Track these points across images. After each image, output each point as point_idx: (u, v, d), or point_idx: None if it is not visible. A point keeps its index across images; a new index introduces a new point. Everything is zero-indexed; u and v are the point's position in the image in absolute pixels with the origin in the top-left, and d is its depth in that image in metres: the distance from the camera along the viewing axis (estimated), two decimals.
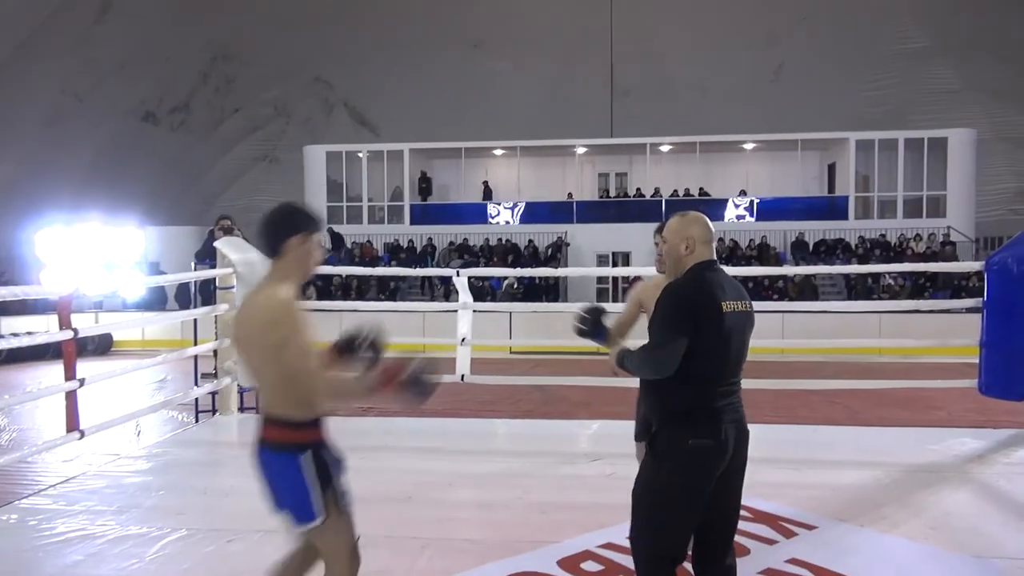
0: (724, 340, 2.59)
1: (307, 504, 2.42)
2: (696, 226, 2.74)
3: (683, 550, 2.63)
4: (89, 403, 5.42)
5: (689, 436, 2.57)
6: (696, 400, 2.59)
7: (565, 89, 23.55)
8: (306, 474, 2.40)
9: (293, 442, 2.42)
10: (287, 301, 2.39)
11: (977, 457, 5.46)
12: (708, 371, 2.58)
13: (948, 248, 17.60)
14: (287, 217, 2.48)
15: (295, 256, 2.45)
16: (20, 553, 3.80)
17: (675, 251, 2.74)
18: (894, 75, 23.40)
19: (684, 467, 2.57)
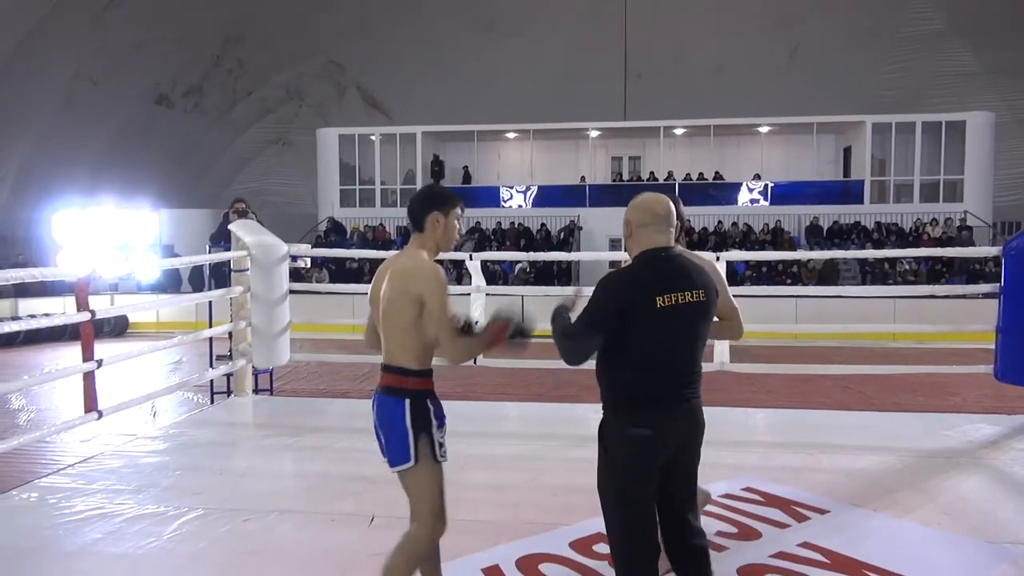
0: (659, 333, 2.51)
1: (402, 446, 2.65)
2: (635, 209, 2.65)
3: (650, 536, 2.59)
4: (106, 384, 5.48)
5: (628, 425, 2.55)
6: (635, 389, 2.55)
7: (578, 72, 23.38)
8: (407, 418, 2.63)
9: (402, 388, 2.67)
10: (436, 267, 2.69)
11: (991, 443, 5.44)
12: (644, 362, 2.53)
13: (965, 233, 17.44)
14: (427, 196, 2.82)
15: (434, 230, 2.76)
16: (40, 531, 3.86)
17: (624, 235, 2.71)
18: (911, 57, 23.09)
19: (624, 456, 2.56)
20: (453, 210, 2.79)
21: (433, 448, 2.67)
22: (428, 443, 2.66)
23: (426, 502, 2.70)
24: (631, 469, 2.56)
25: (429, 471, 2.68)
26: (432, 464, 2.68)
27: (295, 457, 5.22)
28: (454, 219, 2.79)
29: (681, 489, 2.65)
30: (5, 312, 13.24)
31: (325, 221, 20.76)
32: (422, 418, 2.65)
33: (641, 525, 2.57)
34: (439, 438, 2.70)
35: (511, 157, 23.00)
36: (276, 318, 6.42)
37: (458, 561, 3.46)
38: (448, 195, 2.84)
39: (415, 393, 2.67)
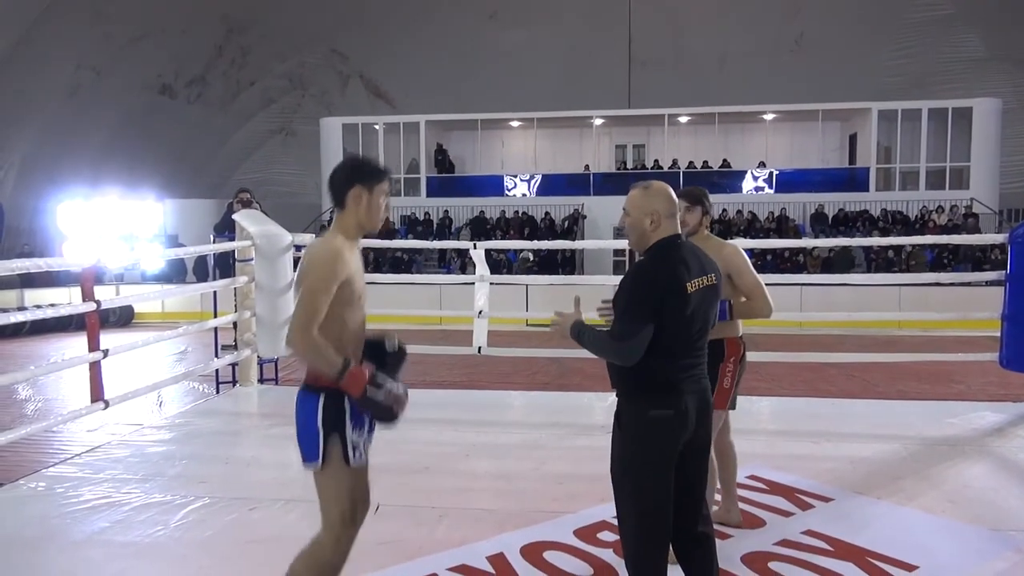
0: (688, 318, 2.54)
1: (310, 445, 2.49)
2: (660, 199, 2.62)
3: (667, 523, 2.58)
4: (112, 374, 5.51)
5: (650, 407, 2.54)
6: (657, 373, 2.55)
7: (582, 59, 23.27)
8: (318, 416, 2.46)
9: (315, 384, 2.48)
10: (331, 254, 2.44)
11: (996, 430, 5.44)
12: (670, 347, 2.53)
13: (971, 220, 17.36)
14: (348, 168, 2.56)
15: (356, 207, 2.51)
16: (48, 520, 3.89)
17: (639, 226, 2.62)
18: (917, 43, 22.91)
19: (647, 439, 2.55)
20: (379, 185, 2.53)
21: (345, 449, 2.47)
22: (339, 444, 2.46)
23: (333, 505, 2.51)
24: (653, 453, 2.54)
25: (337, 474, 2.49)
26: (341, 466, 2.48)
27: None
28: (380, 195, 2.53)
29: (697, 474, 2.65)
30: (11, 302, 13.29)
31: (329, 211, 20.76)
32: (335, 417, 2.46)
33: (657, 509, 2.55)
34: (354, 439, 2.49)
35: (515, 146, 22.93)
36: (281, 308, 6.43)
37: (463, 549, 3.48)
38: (374, 168, 2.56)
39: (329, 390, 2.44)
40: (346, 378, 2.39)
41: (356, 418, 2.51)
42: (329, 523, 2.53)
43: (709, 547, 2.69)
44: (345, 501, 2.52)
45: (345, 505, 2.52)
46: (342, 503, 2.52)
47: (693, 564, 2.67)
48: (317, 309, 2.39)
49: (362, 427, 2.54)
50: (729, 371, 3.45)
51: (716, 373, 3.36)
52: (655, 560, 2.57)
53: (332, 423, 2.47)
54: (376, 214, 2.54)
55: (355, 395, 2.42)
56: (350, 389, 2.41)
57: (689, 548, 2.67)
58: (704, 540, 2.67)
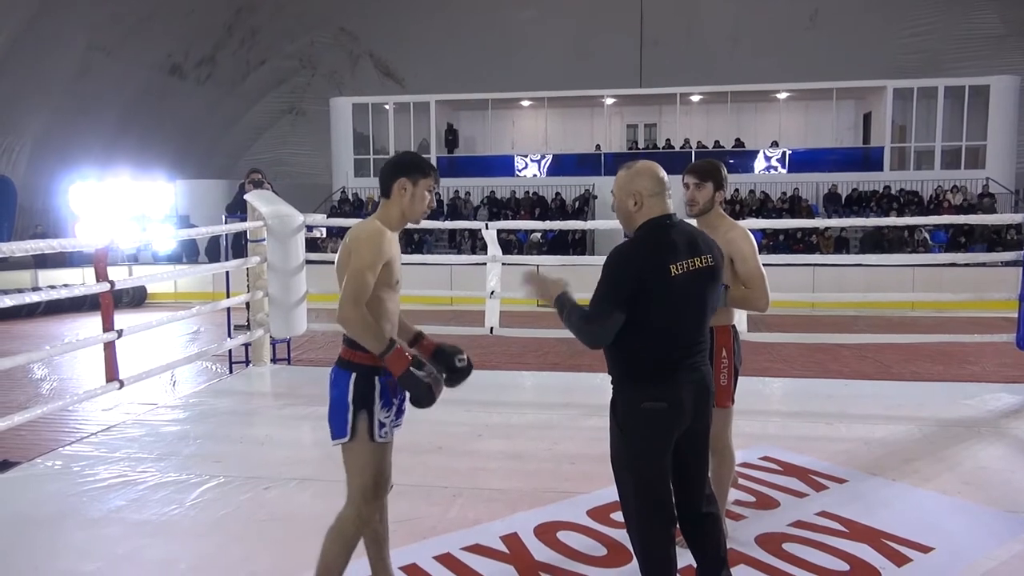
0: (675, 302, 2.46)
1: (340, 421, 2.59)
2: (643, 178, 2.55)
3: (667, 510, 2.56)
4: (126, 354, 5.53)
5: (643, 399, 2.49)
6: (649, 362, 2.49)
7: (593, 38, 23.03)
8: (349, 392, 2.57)
9: (349, 360, 2.60)
10: (375, 232, 2.57)
11: (1012, 412, 5.40)
12: (659, 334, 2.47)
13: (987, 200, 17.16)
14: (399, 162, 2.69)
15: (400, 198, 2.65)
16: (65, 498, 3.93)
17: (624, 207, 2.57)
18: (934, 20, 22.53)
19: (640, 431, 2.50)
20: (424, 180, 2.65)
21: (372, 426, 2.58)
22: (367, 420, 2.57)
23: (356, 480, 2.61)
24: (647, 444, 2.51)
25: (363, 449, 2.59)
26: (367, 443, 2.58)
27: (313, 426, 5.26)
28: (424, 190, 2.65)
29: (694, 458, 2.62)
30: (26, 283, 13.37)
31: (339, 191, 20.76)
32: (365, 394, 2.57)
33: (657, 497, 2.54)
34: (382, 416, 2.60)
35: (525, 125, 22.81)
36: (293, 288, 6.43)
37: (477, 529, 3.49)
38: (422, 164, 2.69)
39: (362, 368, 2.57)
40: (392, 355, 2.52)
41: (385, 396, 2.61)
42: (351, 497, 2.63)
43: (716, 527, 2.67)
44: (368, 476, 2.62)
45: (367, 480, 2.62)
46: (364, 477, 2.61)
47: (701, 544, 2.66)
48: (366, 284, 2.52)
49: (390, 407, 2.64)
50: (724, 366, 3.18)
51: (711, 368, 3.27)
52: (660, 547, 2.55)
53: (362, 400, 2.57)
54: (419, 206, 2.67)
55: (397, 373, 2.53)
56: (393, 367, 2.53)
57: (696, 529, 2.66)
58: (710, 520, 2.65)
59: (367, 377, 2.58)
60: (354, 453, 2.60)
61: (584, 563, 3.18)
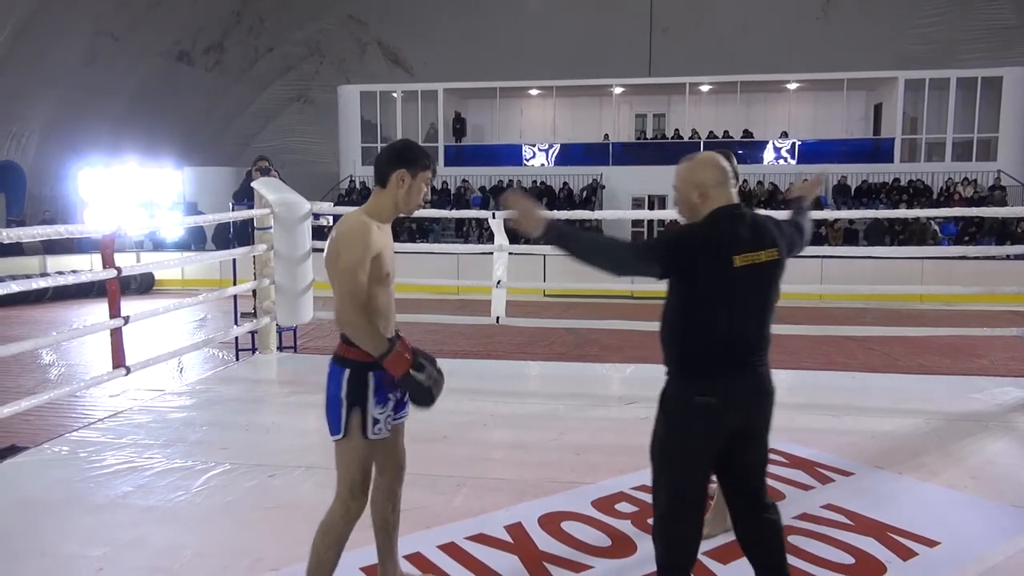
0: (737, 295, 2.36)
1: (334, 417, 2.57)
2: (706, 169, 2.46)
3: (698, 512, 2.49)
4: (133, 340, 5.55)
5: (694, 392, 2.40)
6: (704, 354, 2.40)
7: (602, 27, 22.90)
8: (343, 389, 2.54)
9: (343, 356, 2.56)
10: (359, 227, 2.50)
11: (1020, 406, 5.36)
12: (717, 324, 2.37)
13: (998, 192, 17.04)
14: (399, 151, 2.62)
15: (396, 188, 2.58)
16: (72, 483, 3.94)
17: (687, 200, 2.47)
18: (946, 10, 22.31)
19: (687, 425, 2.42)
20: (423, 172, 2.58)
21: (365, 423, 2.54)
22: (360, 417, 2.53)
23: (345, 476, 2.58)
24: (691, 440, 2.42)
25: (354, 446, 2.55)
26: (359, 440, 2.54)
27: (319, 414, 5.18)
28: (422, 182, 2.59)
29: (751, 462, 2.52)
30: (34, 269, 13.43)
31: (347, 180, 20.75)
32: (358, 391, 2.53)
33: (690, 497, 2.46)
34: (376, 413, 2.55)
35: (534, 114, 22.74)
36: (300, 276, 6.44)
37: (481, 518, 3.49)
38: (423, 155, 2.61)
39: (356, 364, 2.53)
40: (391, 357, 2.48)
41: (380, 393, 2.56)
42: (339, 493, 2.60)
43: (776, 534, 2.54)
44: (356, 473, 2.58)
45: (356, 476, 2.58)
46: (353, 474, 2.57)
47: (757, 553, 2.55)
48: (359, 283, 2.47)
49: (385, 403, 2.59)
50: None
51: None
52: (681, 544, 2.49)
53: (355, 396, 2.53)
54: (415, 198, 2.60)
55: (397, 375, 2.50)
56: (393, 369, 2.49)
57: (756, 538, 2.55)
58: (770, 527, 2.53)
59: (361, 374, 2.53)
60: (346, 449, 2.57)
61: (588, 554, 3.17)
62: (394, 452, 2.79)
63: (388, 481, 2.80)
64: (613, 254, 2.45)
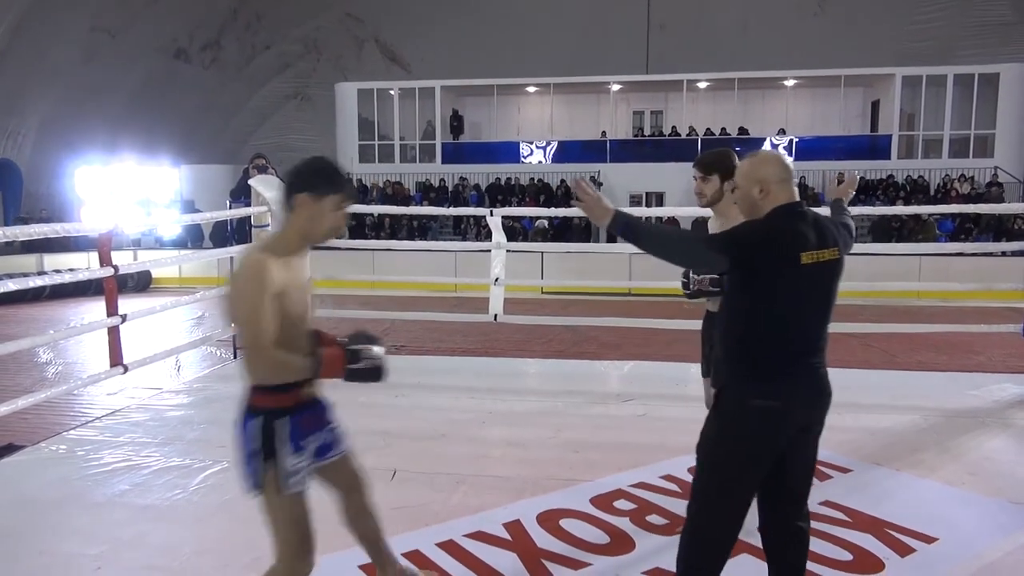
0: (802, 293, 2.31)
1: (248, 471, 2.29)
2: (769, 166, 2.41)
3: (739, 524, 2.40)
4: (131, 338, 5.54)
5: (754, 396, 2.31)
6: (767, 355, 2.32)
7: (599, 23, 22.88)
8: (252, 441, 2.26)
9: (252, 405, 2.28)
10: (250, 269, 2.17)
11: (1018, 402, 5.38)
12: (782, 325, 2.31)
13: (995, 189, 17.05)
14: (302, 171, 2.27)
15: (298, 215, 2.24)
16: (70, 482, 3.94)
17: (749, 196, 2.41)
18: (943, 7, 22.32)
19: (744, 429, 2.32)
20: (330, 197, 2.23)
21: (279, 476, 2.25)
22: (273, 470, 2.25)
23: (279, 536, 2.32)
24: (749, 443, 2.33)
25: (276, 503, 2.28)
26: (278, 496, 2.27)
27: None
28: (330, 208, 2.23)
29: (801, 466, 2.46)
30: (31, 267, 13.40)
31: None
32: (269, 442, 2.24)
33: (738, 507, 2.38)
34: (291, 464, 2.26)
35: (531, 112, 22.72)
36: None
37: (479, 516, 3.49)
38: (332, 175, 2.26)
39: (266, 412, 2.25)
40: (323, 369, 2.24)
41: (295, 441, 2.29)
42: (278, 554, 2.35)
43: (803, 543, 2.53)
44: (291, 532, 2.32)
45: (291, 536, 2.32)
46: (287, 534, 2.32)
47: (781, 559, 2.52)
48: (260, 330, 2.15)
49: (301, 451, 2.31)
50: None
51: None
52: (718, 546, 2.41)
53: (266, 448, 2.25)
54: (320, 227, 2.25)
55: (340, 377, 2.26)
56: (331, 375, 2.25)
57: (782, 542, 2.52)
58: (800, 535, 2.52)
59: (270, 423, 2.25)
60: (270, 506, 2.30)
61: (587, 551, 3.17)
62: (346, 479, 2.60)
63: (353, 501, 2.64)
64: (682, 246, 2.41)
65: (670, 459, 4.12)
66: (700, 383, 3.66)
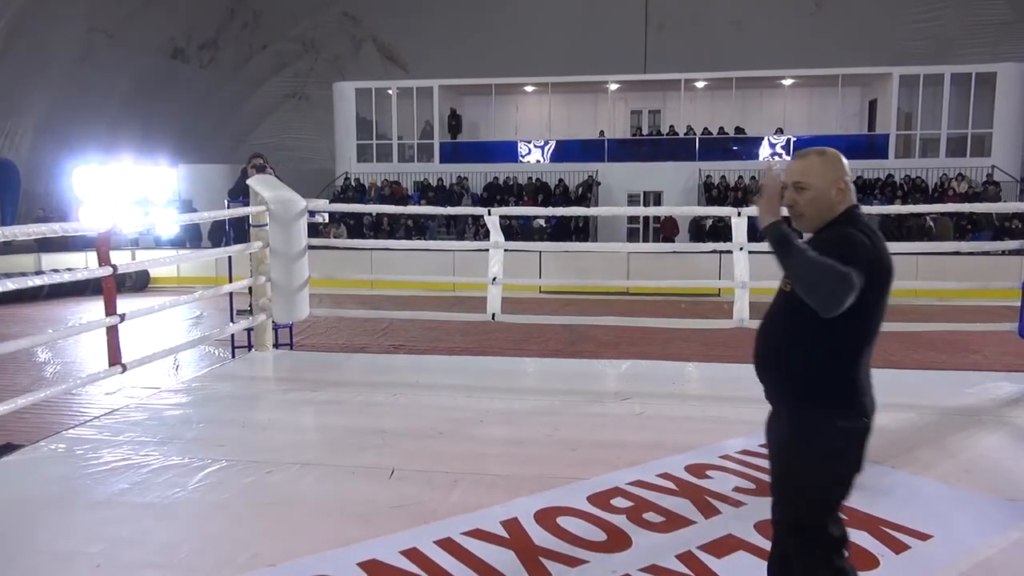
0: (887, 301, 2.18)
1: None
2: (842, 164, 2.27)
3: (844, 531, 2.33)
4: (129, 338, 5.54)
5: (838, 418, 2.16)
6: (847, 374, 2.16)
7: (598, 23, 22.91)
8: None
9: None
10: None
11: (1014, 401, 5.39)
12: (870, 338, 2.17)
13: (992, 188, 17.09)
14: None
15: None
16: (69, 480, 3.94)
17: (826, 197, 2.22)
18: (941, 6, 22.38)
19: (837, 455, 2.18)
20: None
21: None
22: None
23: None
24: (842, 470, 2.20)
25: None
26: None
27: (316, 411, 5.28)
28: None
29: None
30: (29, 267, 13.40)
31: (342, 177, 20.73)
32: None
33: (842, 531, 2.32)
34: None
35: (529, 111, 22.74)
36: (295, 273, 6.44)
37: (477, 514, 3.50)
38: None
39: None
40: None
41: None
42: None
43: None
44: None
45: None
46: None
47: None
48: None
49: None
50: None
51: None
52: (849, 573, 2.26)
53: None
54: None
55: None
56: None
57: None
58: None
59: None
60: None
61: (584, 548, 3.19)
62: None
63: None
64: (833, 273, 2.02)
65: (667, 457, 4.13)
66: (697, 381, 3.69)
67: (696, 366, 6.41)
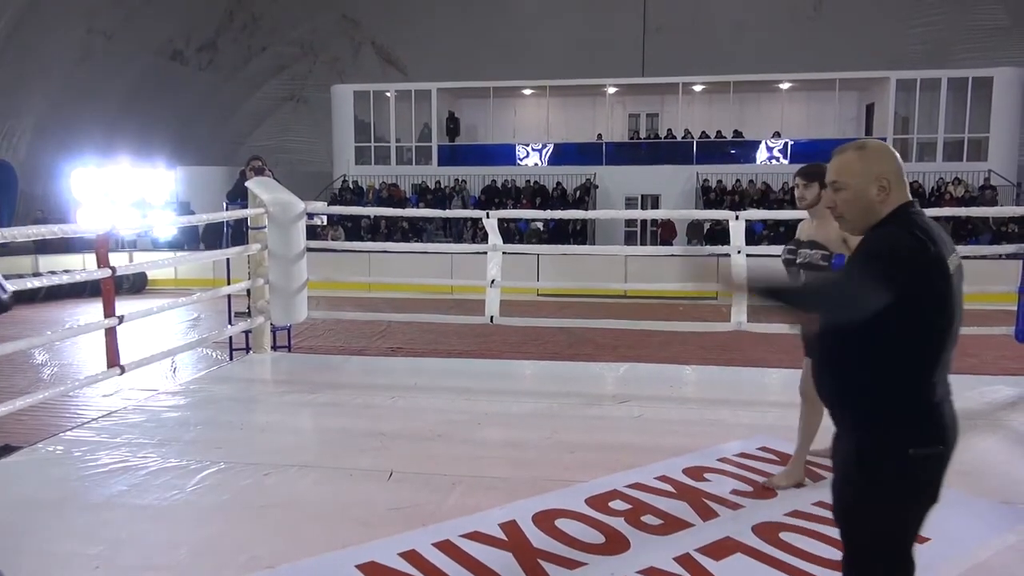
0: (952, 308, 1.92)
1: None
2: (887, 159, 2.01)
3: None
4: (127, 340, 5.54)
5: (909, 443, 1.90)
6: (918, 394, 1.91)
7: (596, 26, 22.95)
8: None
9: None
10: None
11: (1010, 404, 5.40)
12: (935, 350, 1.91)
13: (988, 192, 17.15)
14: None
15: None
16: (67, 482, 3.94)
17: (865, 197, 1.98)
18: (938, 11, 22.45)
19: (910, 484, 1.93)
20: None
21: None
22: None
23: None
24: (914, 504, 1.96)
25: None
26: None
27: (314, 413, 5.28)
28: None
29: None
30: (27, 268, 13.38)
31: (340, 179, 20.74)
32: None
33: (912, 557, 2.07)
34: None
35: (527, 114, 22.77)
36: (294, 275, 6.44)
37: (476, 516, 3.50)
38: None
39: None
40: None
41: None
42: None
43: None
44: None
45: None
46: None
47: None
48: None
49: None
50: None
51: None
52: None
53: None
54: None
55: None
56: None
57: None
58: None
59: None
60: None
61: (582, 551, 3.19)
62: None
63: None
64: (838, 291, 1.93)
65: (665, 460, 4.14)
66: (695, 384, 3.71)
67: (694, 369, 6.42)
